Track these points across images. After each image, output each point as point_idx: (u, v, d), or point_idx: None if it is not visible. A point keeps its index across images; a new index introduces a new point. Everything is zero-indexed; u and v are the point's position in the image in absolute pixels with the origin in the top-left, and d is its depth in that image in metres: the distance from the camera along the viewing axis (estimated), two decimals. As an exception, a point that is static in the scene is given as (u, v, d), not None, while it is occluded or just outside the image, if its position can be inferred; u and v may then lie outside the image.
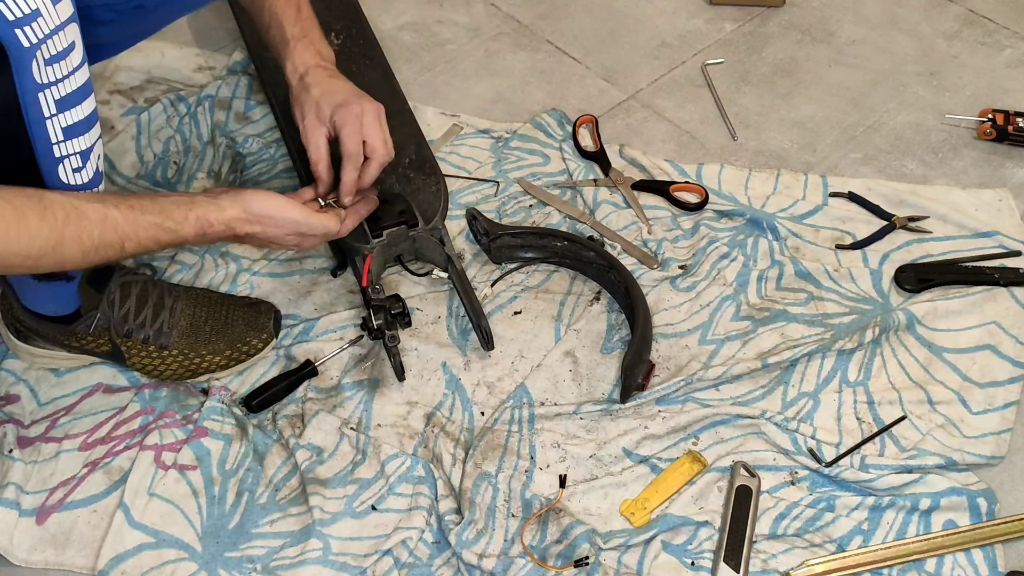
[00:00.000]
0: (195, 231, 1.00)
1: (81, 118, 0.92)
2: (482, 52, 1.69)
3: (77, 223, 0.90)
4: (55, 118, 0.90)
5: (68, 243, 0.90)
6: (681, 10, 1.77)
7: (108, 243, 0.93)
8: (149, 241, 0.97)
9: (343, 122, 1.16)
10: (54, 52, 0.86)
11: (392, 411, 1.20)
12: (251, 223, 1.05)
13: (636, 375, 1.18)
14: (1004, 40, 1.71)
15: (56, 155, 0.93)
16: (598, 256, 1.31)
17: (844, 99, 1.61)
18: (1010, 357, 1.25)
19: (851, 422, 1.20)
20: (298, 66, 1.19)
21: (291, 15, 1.19)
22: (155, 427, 1.16)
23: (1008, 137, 1.51)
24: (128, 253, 0.96)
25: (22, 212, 0.87)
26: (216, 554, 1.07)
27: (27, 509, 1.10)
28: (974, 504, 1.11)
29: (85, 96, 0.92)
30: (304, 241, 1.13)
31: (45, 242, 0.88)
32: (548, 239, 1.33)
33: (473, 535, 1.07)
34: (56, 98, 0.89)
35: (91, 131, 0.95)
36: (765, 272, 1.35)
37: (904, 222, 1.40)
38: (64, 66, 0.88)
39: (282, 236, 1.09)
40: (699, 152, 1.53)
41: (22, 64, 0.85)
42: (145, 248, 0.97)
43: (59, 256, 0.89)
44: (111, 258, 0.94)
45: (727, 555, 1.06)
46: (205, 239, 1.03)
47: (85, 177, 0.96)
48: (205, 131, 1.50)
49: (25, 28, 0.82)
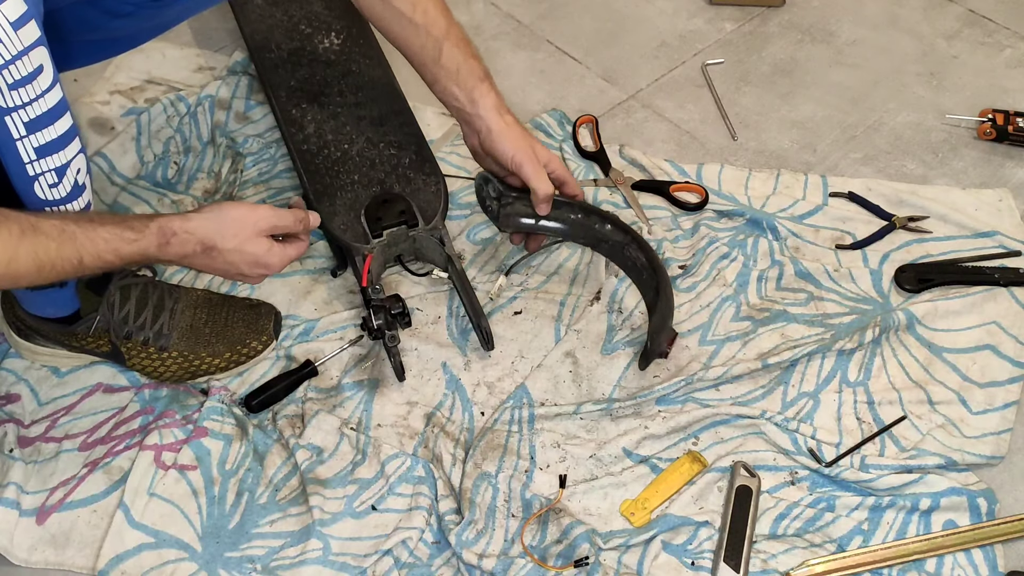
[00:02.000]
0: (157, 240, 0.99)
1: (55, 137, 0.92)
2: (482, 52, 1.68)
3: (33, 238, 0.89)
4: (25, 139, 0.90)
5: (22, 258, 0.88)
6: (681, 10, 1.77)
7: (65, 257, 0.92)
8: (109, 253, 0.95)
9: (560, 166, 1.25)
10: (18, 77, 0.86)
11: (392, 411, 1.20)
12: (217, 231, 1.04)
13: (660, 340, 1.18)
14: (1004, 40, 1.71)
15: (30, 173, 0.93)
16: (614, 230, 1.27)
17: (844, 99, 1.61)
18: (1010, 357, 1.25)
19: (851, 422, 1.20)
20: (499, 104, 1.23)
21: (471, 53, 1.24)
22: (155, 427, 1.16)
23: (1008, 137, 1.51)
24: (87, 267, 0.94)
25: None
26: (216, 554, 1.07)
27: (27, 509, 1.10)
28: (974, 504, 1.11)
29: (58, 116, 0.92)
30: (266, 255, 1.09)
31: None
32: (563, 209, 1.28)
33: (473, 535, 1.07)
34: (24, 120, 0.89)
35: (67, 148, 0.95)
36: (765, 272, 1.35)
37: (904, 222, 1.40)
38: (31, 89, 0.88)
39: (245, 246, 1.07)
40: (699, 152, 1.53)
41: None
42: (105, 261, 0.95)
43: (12, 271, 0.89)
44: (68, 273, 0.93)
45: (727, 555, 1.06)
46: (169, 251, 1.01)
47: (62, 192, 0.96)
48: (205, 131, 1.50)
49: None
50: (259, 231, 1.08)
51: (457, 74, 1.21)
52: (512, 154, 1.21)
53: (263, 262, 1.09)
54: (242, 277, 1.11)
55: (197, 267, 1.07)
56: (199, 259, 1.05)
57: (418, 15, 1.21)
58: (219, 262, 1.06)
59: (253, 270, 1.09)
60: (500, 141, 1.22)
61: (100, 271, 0.97)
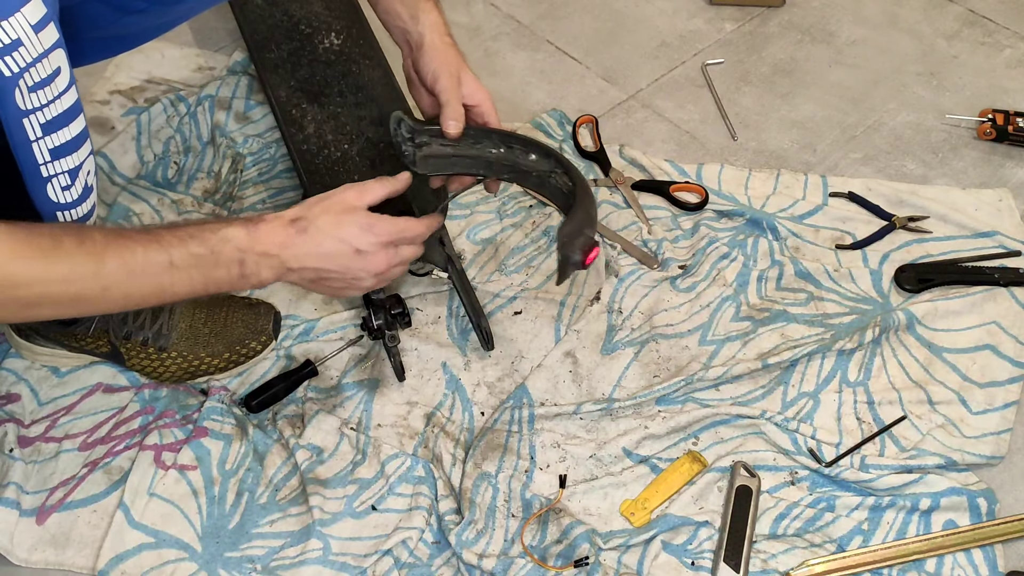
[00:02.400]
0: (244, 223, 0.95)
1: (69, 139, 0.92)
2: (482, 52, 1.69)
3: (117, 241, 0.88)
4: (41, 141, 0.90)
5: (110, 263, 0.87)
6: (681, 10, 1.77)
7: (152, 260, 0.90)
8: (198, 245, 0.93)
9: (489, 104, 1.15)
10: (38, 79, 0.86)
11: (392, 411, 1.20)
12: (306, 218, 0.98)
13: (574, 247, 1.03)
14: (1004, 40, 1.71)
15: (44, 175, 0.92)
16: (539, 159, 1.14)
17: (844, 99, 1.61)
18: (1010, 357, 1.25)
19: (851, 422, 1.20)
20: (442, 25, 1.16)
21: None
22: (155, 427, 1.16)
23: (1008, 137, 1.51)
24: (177, 268, 0.91)
25: (58, 238, 0.86)
26: (216, 554, 1.07)
27: (27, 509, 1.10)
28: (974, 504, 1.11)
29: (72, 118, 0.92)
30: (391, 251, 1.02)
31: (84, 268, 0.87)
32: (483, 144, 1.15)
33: (473, 535, 1.07)
34: (41, 122, 0.89)
35: (80, 150, 0.94)
36: (765, 272, 1.35)
37: (904, 222, 1.40)
38: (49, 91, 0.87)
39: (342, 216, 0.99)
40: (699, 152, 1.53)
41: (5, 92, 0.84)
42: (195, 256, 0.92)
43: (103, 280, 0.87)
44: (161, 278, 0.91)
45: (727, 555, 1.06)
46: (258, 234, 0.96)
47: (74, 194, 0.96)
48: (205, 131, 1.50)
49: (6, 58, 0.82)
50: (350, 207, 1.01)
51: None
52: (434, 68, 1.13)
53: (368, 229, 1.00)
54: (351, 267, 1.01)
55: (291, 258, 0.98)
56: (292, 244, 0.98)
57: None
58: (315, 240, 0.99)
59: (361, 240, 1.00)
60: (426, 55, 1.15)
61: (194, 280, 0.93)
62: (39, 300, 0.87)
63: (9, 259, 0.84)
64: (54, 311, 0.90)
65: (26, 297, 0.86)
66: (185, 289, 0.94)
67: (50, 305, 0.88)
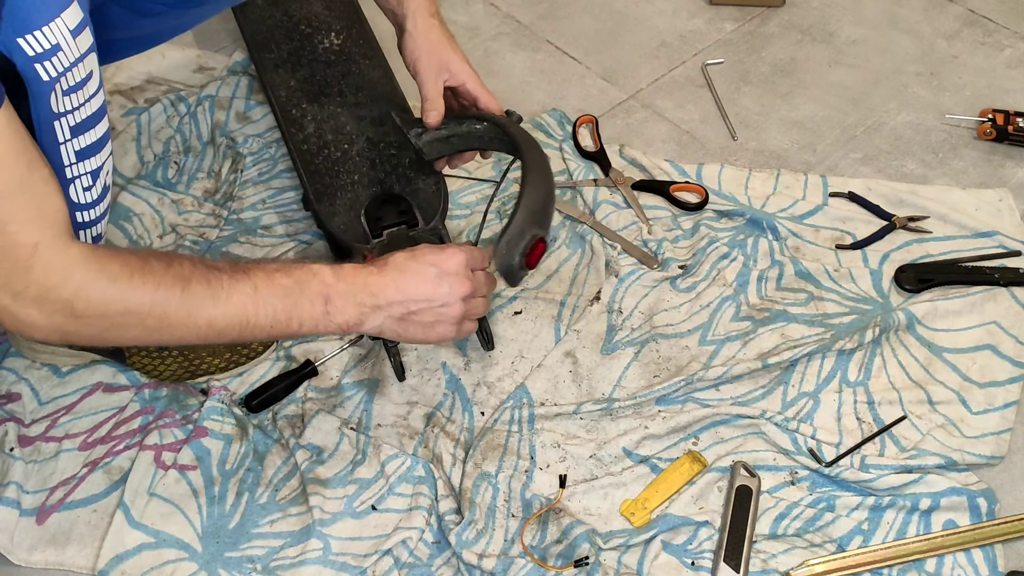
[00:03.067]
0: (329, 266, 0.96)
1: (94, 140, 0.93)
2: (482, 52, 1.69)
3: (203, 268, 0.89)
4: (68, 143, 0.90)
5: (196, 286, 0.88)
6: (681, 10, 1.77)
7: (238, 288, 0.90)
8: (282, 276, 0.93)
9: (476, 82, 1.16)
10: (73, 83, 0.86)
11: (392, 411, 1.20)
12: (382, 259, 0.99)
13: (512, 254, 1.01)
14: (1004, 40, 1.71)
15: (68, 176, 0.93)
16: (501, 131, 1.15)
17: (844, 99, 1.61)
18: (1010, 357, 1.25)
19: (851, 422, 1.20)
20: (429, 6, 1.16)
21: None
22: (155, 427, 1.16)
23: (1008, 137, 1.51)
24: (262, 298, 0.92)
25: (146, 260, 0.87)
26: (216, 554, 1.07)
27: (27, 508, 1.10)
28: (974, 504, 1.11)
29: (99, 120, 0.92)
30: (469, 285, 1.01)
31: (171, 291, 0.87)
32: (469, 122, 1.19)
33: (473, 535, 1.07)
34: (71, 125, 0.89)
35: (103, 151, 0.95)
36: (765, 272, 1.35)
37: (904, 222, 1.40)
38: (81, 95, 0.88)
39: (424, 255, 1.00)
40: (699, 152, 1.53)
41: (41, 96, 0.84)
42: (280, 286, 0.93)
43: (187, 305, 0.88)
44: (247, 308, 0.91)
45: (727, 555, 1.06)
46: (343, 273, 0.97)
47: (94, 194, 0.97)
48: (205, 131, 1.50)
49: (45, 63, 0.82)
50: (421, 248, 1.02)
51: None
52: (414, 56, 1.15)
53: (441, 252, 1.00)
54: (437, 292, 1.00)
55: (376, 294, 0.98)
56: (374, 281, 0.98)
57: None
58: (395, 272, 0.99)
59: (439, 261, 0.99)
60: (407, 41, 1.16)
61: (277, 312, 0.93)
62: (124, 321, 0.87)
63: (97, 278, 0.85)
64: (139, 333, 0.90)
65: (113, 317, 0.87)
66: (268, 320, 0.93)
67: (135, 327, 0.88)
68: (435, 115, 1.16)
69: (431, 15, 1.17)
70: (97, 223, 0.99)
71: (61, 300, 0.84)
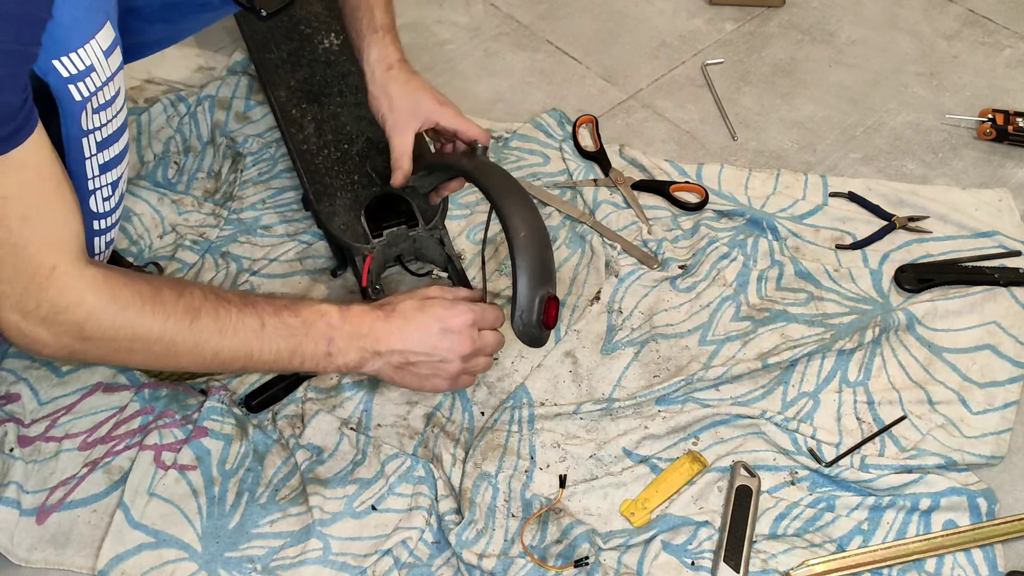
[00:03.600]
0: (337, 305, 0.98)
1: (116, 154, 0.94)
2: (481, 52, 1.69)
3: (215, 301, 0.91)
4: (94, 157, 0.91)
5: (204, 319, 0.89)
6: (681, 10, 1.77)
7: (245, 324, 0.92)
8: (289, 315, 0.95)
9: (452, 117, 1.18)
10: (103, 101, 0.88)
11: (392, 411, 1.20)
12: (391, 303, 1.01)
13: (529, 323, 1.04)
14: (1004, 40, 1.71)
15: (89, 188, 0.94)
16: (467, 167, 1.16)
17: (844, 99, 1.62)
18: (1010, 357, 1.25)
19: (851, 422, 1.20)
20: (391, 56, 1.18)
21: (382, 3, 1.19)
22: (155, 427, 1.16)
23: (1008, 137, 1.51)
24: (268, 333, 0.93)
25: (158, 288, 0.88)
26: (216, 554, 1.07)
27: (27, 508, 1.10)
28: (974, 504, 1.11)
29: (121, 134, 0.93)
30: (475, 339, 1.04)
31: (181, 322, 0.88)
32: (437, 174, 1.23)
33: (473, 535, 1.07)
34: (98, 140, 0.90)
35: (122, 163, 0.96)
36: (765, 272, 1.35)
37: (904, 222, 1.40)
38: (109, 112, 0.89)
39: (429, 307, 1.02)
40: (699, 152, 1.53)
41: (72, 115, 0.86)
42: (287, 325, 0.94)
43: (196, 336, 0.89)
44: (251, 342, 0.93)
45: (727, 555, 1.06)
46: (349, 315, 0.99)
47: (111, 204, 0.98)
48: (205, 131, 1.50)
49: (79, 83, 0.83)
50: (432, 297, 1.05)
51: (360, 22, 1.19)
52: (380, 117, 1.19)
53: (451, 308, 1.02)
54: (437, 347, 1.02)
55: (378, 341, 1.00)
56: (380, 326, 1.00)
57: None
58: (401, 321, 1.01)
59: (445, 318, 1.02)
60: (371, 101, 1.19)
61: (281, 349, 0.95)
62: (131, 347, 0.89)
63: (109, 304, 0.86)
64: (145, 359, 0.92)
65: (121, 342, 0.88)
66: (271, 356, 0.95)
67: (142, 353, 0.90)
68: (399, 175, 1.20)
69: (388, 67, 1.18)
70: (111, 230, 1.00)
71: (71, 322, 0.86)
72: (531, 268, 1.04)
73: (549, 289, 1.05)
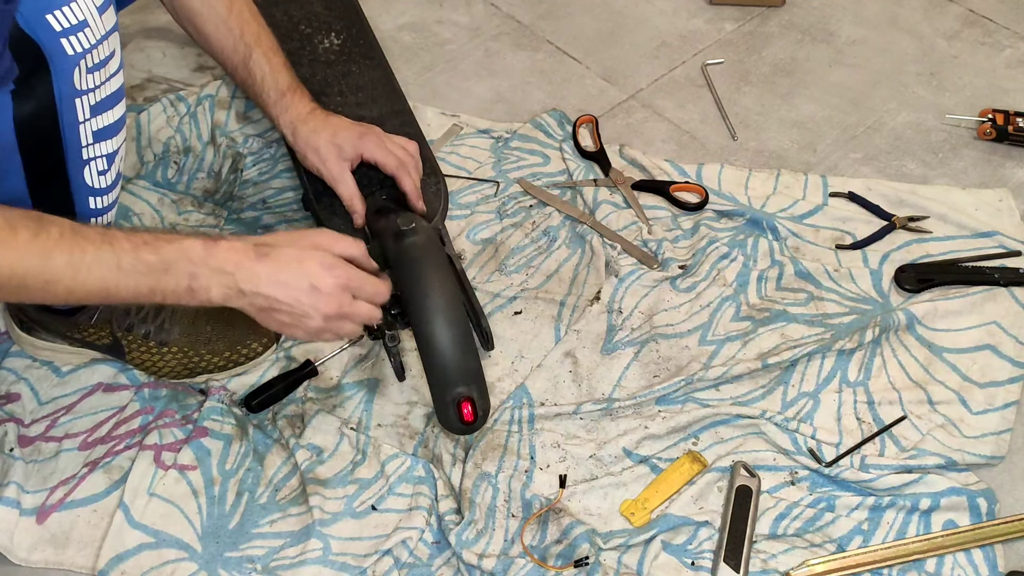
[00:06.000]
0: (203, 240, 0.93)
1: (111, 122, 0.93)
2: (482, 52, 1.69)
3: (71, 238, 0.87)
4: (88, 122, 0.91)
5: (58, 259, 0.86)
6: (681, 10, 1.77)
7: (102, 260, 0.88)
8: (149, 253, 0.91)
9: (373, 148, 1.22)
10: (97, 61, 0.88)
11: (392, 411, 1.20)
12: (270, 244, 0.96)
13: (447, 421, 1.08)
14: (1004, 40, 1.72)
15: (84, 157, 0.93)
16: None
17: (844, 99, 1.62)
18: (1010, 357, 1.25)
19: (851, 422, 1.20)
20: (301, 113, 1.22)
21: (279, 64, 1.23)
22: (155, 427, 1.16)
23: (1008, 137, 1.51)
24: (125, 271, 0.89)
25: (14, 228, 0.84)
26: (216, 554, 1.07)
27: (27, 508, 1.10)
28: (974, 504, 1.11)
29: (117, 101, 0.93)
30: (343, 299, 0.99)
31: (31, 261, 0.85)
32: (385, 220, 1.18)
33: (473, 535, 1.07)
34: (91, 103, 0.90)
35: (118, 135, 0.96)
36: (765, 272, 1.35)
37: (904, 222, 1.40)
38: (103, 73, 0.89)
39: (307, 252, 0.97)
40: (699, 152, 1.53)
41: (64, 72, 0.85)
42: (146, 264, 0.90)
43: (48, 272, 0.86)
44: (107, 280, 0.89)
45: (727, 555, 1.06)
46: (217, 252, 0.94)
47: (108, 179, 0.97)
48: (205, 131, 1.50)
49: (71, 38, 0.84)
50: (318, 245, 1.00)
51: (262, 84, 1.22)
52: (316, 170, 1.23)
53: (329, 269, 0.98)
54: (302, 301, 0.97)
55: (244, 280, 0.95)
56: (249, 266, 0.95)
57: (233, 17, 1.21)
58: (273, 267, 0.96)
59: (319, 277, 0.97)
60: (302, 161, 1.24)
61: (140, 286, 0.91)
62: None
63: None
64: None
65: None
66: (130, 294, 0.91)
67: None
68: (357, 218, 1.23)
69: (303, 121, 1.22)
70: (107, 211, 0.99)
71: None
72: (440, 373, 1.07)
73: (461, 390, 1.07)
